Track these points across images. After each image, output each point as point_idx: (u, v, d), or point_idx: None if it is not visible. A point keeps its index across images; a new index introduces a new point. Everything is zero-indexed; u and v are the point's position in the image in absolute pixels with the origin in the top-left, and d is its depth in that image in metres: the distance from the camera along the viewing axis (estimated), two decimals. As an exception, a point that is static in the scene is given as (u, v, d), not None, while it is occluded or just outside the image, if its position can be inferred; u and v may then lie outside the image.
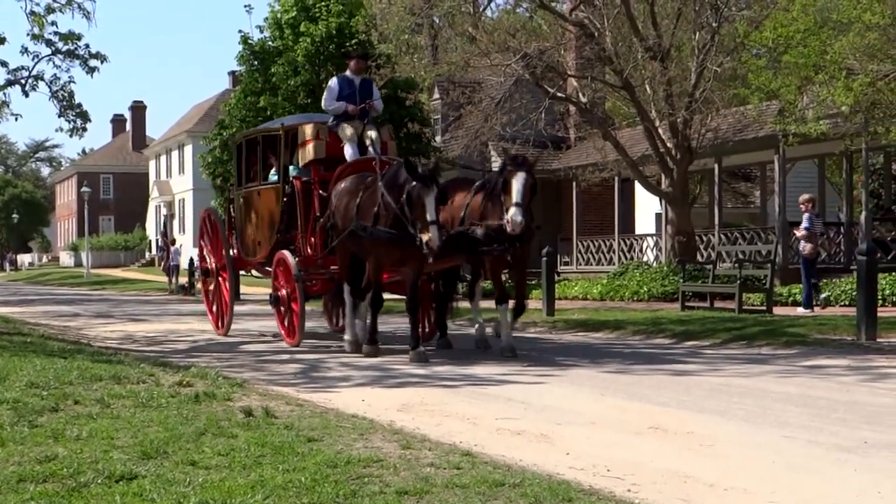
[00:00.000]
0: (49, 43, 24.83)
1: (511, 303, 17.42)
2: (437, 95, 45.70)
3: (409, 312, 16.38)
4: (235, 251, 22.10)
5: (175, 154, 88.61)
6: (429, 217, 15.41)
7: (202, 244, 23.47)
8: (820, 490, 7.13)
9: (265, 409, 9.66)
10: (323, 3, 38.13)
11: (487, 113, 36.10)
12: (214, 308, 22.86)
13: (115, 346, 18.67)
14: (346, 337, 18.16)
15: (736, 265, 25.82)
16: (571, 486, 6.82)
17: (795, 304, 26.33)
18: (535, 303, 27.69)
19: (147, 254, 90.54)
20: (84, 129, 25.85)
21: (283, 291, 19.11)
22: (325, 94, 19.61)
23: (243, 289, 41.64)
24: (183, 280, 48.41)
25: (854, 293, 20.66)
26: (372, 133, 19.01)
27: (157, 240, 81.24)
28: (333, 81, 19.71)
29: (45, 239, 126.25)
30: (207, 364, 14.61)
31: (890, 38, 21.04)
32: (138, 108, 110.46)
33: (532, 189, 16.07)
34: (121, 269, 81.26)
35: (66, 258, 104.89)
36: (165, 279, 55.82)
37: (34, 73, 25.37)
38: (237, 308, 34.14)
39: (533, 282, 30.88)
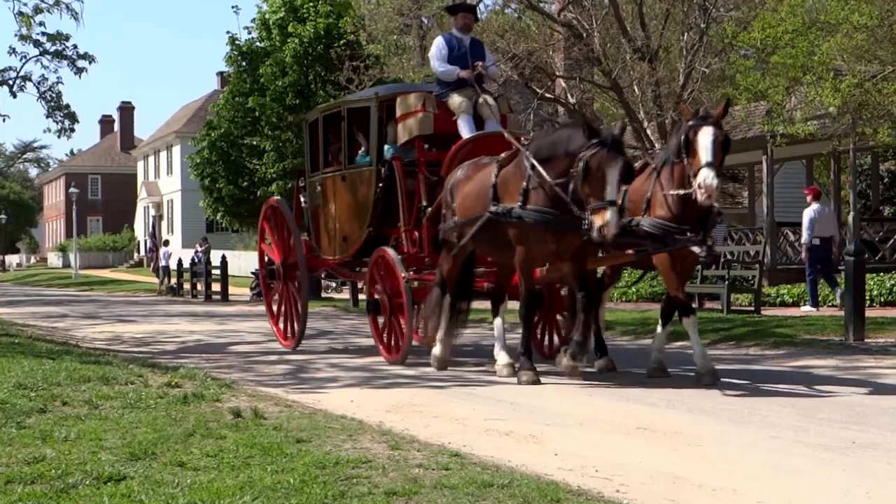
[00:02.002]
0: (37, 43, 24.79)
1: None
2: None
3: (523, 319, 13.48)
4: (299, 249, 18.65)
5: (163, 155, 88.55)
6: (608, 194, 12.03)
7: (263, 242, 20.17)
8: (807, 490, 7.15)
9: (254, 410, 9.66)
10: (311, 4, 38.12)
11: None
12: (281, 317, 19.14)
13: (104, 347, 18.65)
14: (435, 352, 14.98)
15: (724, 266, 25.85)
16: (560, 487, 6.83)
17: (784, 304, 26.39)
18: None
19: (135, 254, 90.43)
20: (72, 130, 25.81)
21: (384, 297, 15.89)
22: (432, 53, 16.46)
23: (231, 289, 41.67)
24: (171, 281, 48.33)
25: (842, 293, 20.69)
26: (489, 101, 15.91)
27: (145, 241, 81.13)
28: (440, 40, 16.49)
29: (33, 240, 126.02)
30: (196, 365, 14.62)
31: (878, 39, 21.07)
32: (126, 109, 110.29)
33: (723, 147, 12.94)
34: (109, 270, 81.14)
35: (54, 259, 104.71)
36: (154, 280, 55.82)
37: (22, 73, 25.34)
38: (226, 309, 34.27)
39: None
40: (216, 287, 41.03)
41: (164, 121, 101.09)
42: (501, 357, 14.23)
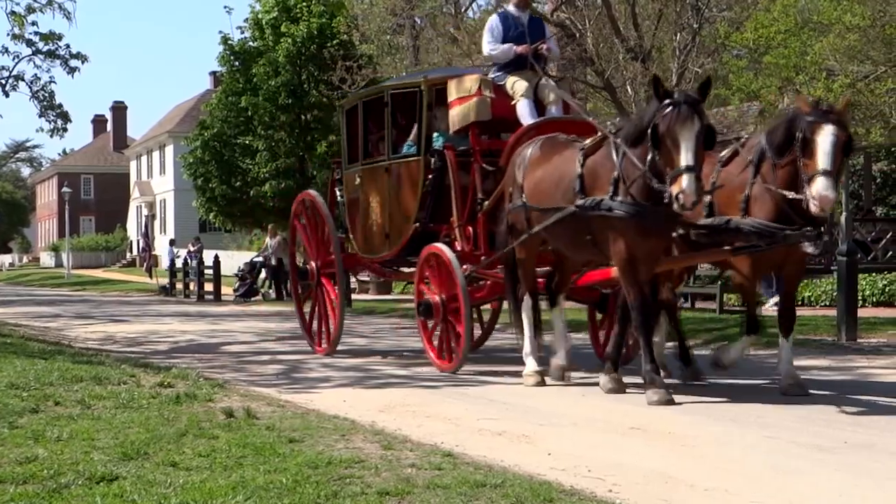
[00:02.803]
0: (29, 43, 24.82)
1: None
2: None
3: (640, 328, 11.73)
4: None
5: (156, 154, 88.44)
6: (684, 160, 10.64)
7: (295, 239, 18.97)
8: (801, 490, 7.15)
9: (246, 410, 9.65)
10: (304, 4, 38.12)
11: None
12: (314, 320, 17.79)
13: (96, 347, 18.62)
14: (526, 350, 13.40)
15: (717, 265, 25.81)
16: (553, 487, 6.83)
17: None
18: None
19: (128, 254, 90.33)
20: (64, 130, 25.88)
21: (437, 298, 14.50)
22: (484, 36, 15.20)
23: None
24: (164, 281, 48.29)
25: (834, 294, 20.69)
26: (552, 84, 14.82)
27: (138, 241, 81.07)
28: (494, 19, 15.24)
29: (26, 239, 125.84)
30: (188, 365, 14.60)
31: (870, 39, 21.13)
32: (119, 109, 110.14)
33: (844, 150, 11.17)
34: (101, 270, 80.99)
35: (46, 259, 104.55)
36: (147, 279, 55.80)
37: (14, 73, 25.33)
38: (218, 309, 34.24)
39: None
40: (209, 287, 40.99)
41: (156, 120, 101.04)
42: (530, 362, 13.19)
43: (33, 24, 24.69)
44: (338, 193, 17.45)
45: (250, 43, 39.80)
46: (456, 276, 13.89)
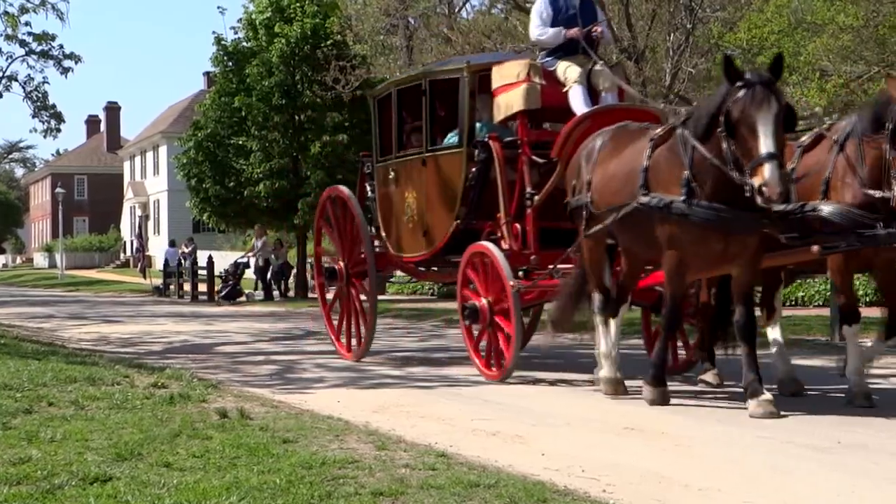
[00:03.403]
0: (23, 43, 24.89)
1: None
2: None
3: (666, 329, 11.27)
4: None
5: (150, 155, 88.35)
6: (763, 147, 9.59)
7: (319, 246, 18.28)
8: (795, 490, 7.16)
9: (240, 411, 9.65)
10: (297, 4, 38.07)
11: (463, 114, 36.05)
12: (342, 323, 16.76)
13: (90, 348, 18.60)
14: (603, 373, 12.11)
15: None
16: (546, 487, 6.84)
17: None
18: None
19: (122, 255, 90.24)
20: (58, 130, 25.99)
21: (484, 301, 13.43)
22: (532, 19, 14.28)
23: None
24: (157, 281, 48.26)
25: (828, 293, 20.70)
26: (605, 71, 13.86)
27: (132, 241, 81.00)
28: (542, 1, 14.08)
29: (19, 240, 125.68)
30: (182, 365, 14.59)
31: (863, 39, 21.16)
32: (112, 109, 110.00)
33: None
34: (95, 271, 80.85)
35: (40, 259, 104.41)
36: (141, 280, 55.77)
37: (8, 73, 25.35)
38: (212, 309, 34.21)
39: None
40: (202, 287, 40.96)
41: (150, 121, 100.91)
42: (607, 368, 12.06)
43: (26, 24, 24.76)
44: (368, 189, 16.55)
45: (244, 43, 39.72)
46: (504, 277, 12.87)
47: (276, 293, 40.14)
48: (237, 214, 39.52)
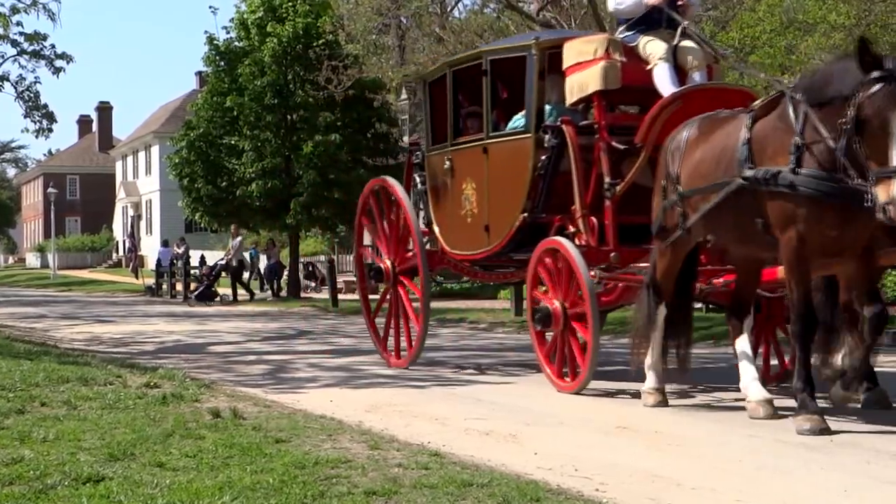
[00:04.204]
0: (14, 43, 24.81)
1: None
2: (404, 96, 45.71)
3: (798, 339, 9.63)
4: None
5: (142, 155, 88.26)
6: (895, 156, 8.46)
7: (362, 245, 16.76)
8: (787, 489, 7.17)
9: (233, 411, 9.64)
10: (289, 4, 38.08)
11: (455, 113, 36.10)
12: (390, 329, 15.45)
13: (82, 348, 18.58)
14: (753, 395, 10.19)
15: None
16: (540, 486, 6.84)
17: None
18: (503, 302, 27.76)
19: (114, 255, 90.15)
20: (50, 130, 25.92)
21: (557, 304, 12.15)
22: None
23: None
24: (149, 281, 48.24)
25: None
26: (693, 46, 12.49)
27: (124, 241, 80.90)
28: None
29: (11, 240, 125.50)
30: (175, 365, 14.56)
31: (855, 38, 21.18)
32: (104, 109, 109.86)
33: None
34: (87, 271, 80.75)
35: (32, 259, 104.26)
36: (134, 280, 55.71)
37: (-1, 73, 25.31)
38: (205, 309, 34.20)
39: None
40: (195, 287, 40.95)
41: (142, 121, 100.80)
42: (754, 390, 10.24)
43: (18, 24, 24.70)
44: (417, 180, 15.29)
45: (236, 43, 39.72)
46: (581, 277, 11.60)
47: (267, 292, 40.14)
48: (229, 214, 39.51)
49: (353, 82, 33.59)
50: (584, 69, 12.40)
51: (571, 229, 12.43)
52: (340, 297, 34.36)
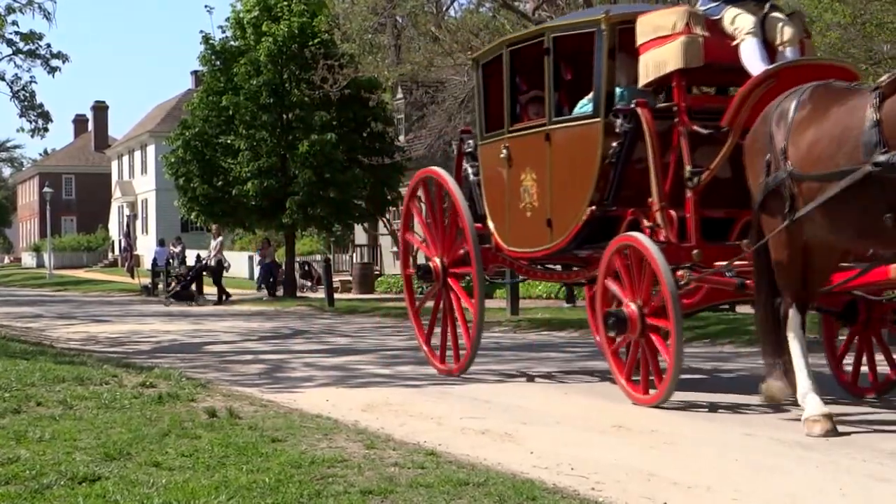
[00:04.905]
0: (10, 42, 24.75)
1: None
2: (400, 95, 45.68)
3: None
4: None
5: (137, 154, 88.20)
6: None
7: (409, 231, 15.13)
8: (782, 487, 7.18)
9: (229, 410, 9.64)
10: (285, 3, 38.07)
11: (451, 112, 36.09)
12: (432, 329, 14.43)
13: (78, 348, 18.57)
14: (802, 390, 9.46)
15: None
16: (535, 485, 6.84)
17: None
18: (498, 301, 27.76)
19: (110, 254, 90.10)
20: (45, 130, 25.84)
21: (633, 307, 10.93)
22: None
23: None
24: (146, 281, 48.20)
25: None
26: (783, 19, 11.35)
27: (120, 241, 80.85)
28: None
29: (7, 240, 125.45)
30: (171, 365, 14.57)
31: (850, 37, 21.19)
32: (100, 109, 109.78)
33: None
34: (83, 270, 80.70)
35: (28, 259, 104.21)
36: (129, 279, 55.64)
37: (-6, 72, 25.29)
38: (200, 308, 34.17)
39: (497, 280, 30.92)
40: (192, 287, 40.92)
41: (138, 120, 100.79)
42: (812, 403, 9.33)
43: (13, 23, 24.66)
44: (469, 170, 14.13)
45: (231, 42, 39.73)
46: (663, 278, 10.40)
47: (263, 291, 40.11)
48: (225, 213, 39.49)
49: (349, 82, 33.56)
50: (662, 45, 11.15)
51: (646, 223, 11.25)
52: (338, 296, 34.35)
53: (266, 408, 10.34)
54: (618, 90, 11.81)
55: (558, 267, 14.55)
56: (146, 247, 68.93)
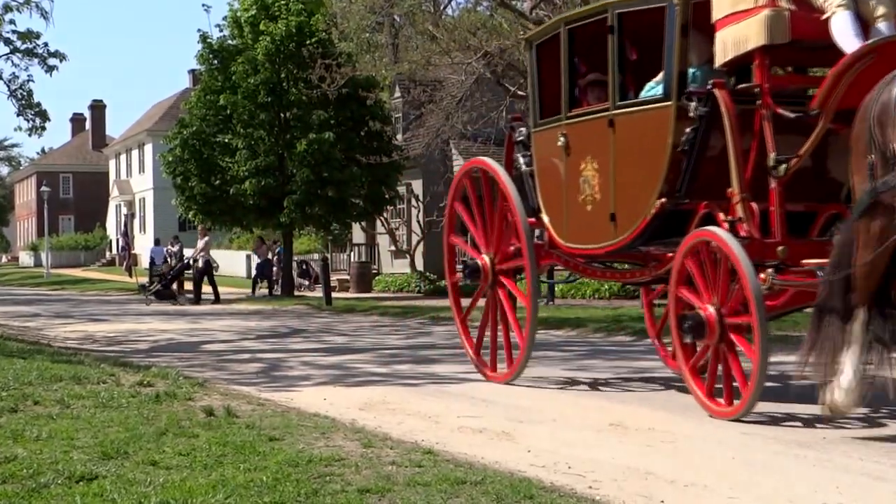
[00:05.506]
0: (7, 41, 24.75)
1: None
2: (397, 94, 45.69)
3: None
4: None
5: (135, 153, 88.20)
6: None
7: (454, 234, 14.12)
8: (779, 486, 7.18)
9: (226, 409, 9.64)
10: (283, 2, 38.12)
11: (448, 111, 36.10)
12: (482, 334, 13.40)
13: (76, 347, 18.56)
14: (838, 395, 8.94)
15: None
16: (533, 484, 6.84)
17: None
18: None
19: (107, 253, 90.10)
20: (43, 128, 25.88)
21: (711, 309, 9.97)
22: None
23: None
24: (144, 280, 48.21)
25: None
26: None
27: (117, 240, 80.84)
28: None
29: (5, 239, 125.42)
30: (168, 364, 14.56)
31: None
32: (98, 107, 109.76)
33: None
34: (81, 269, 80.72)
35: (25, 258, 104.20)
36: (127, 278, 55.65)
37: (-8, 71, 25.28)
38: (198, 308, 34.15)
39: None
40: (189, 286, 40.92)
41: (135, 119, 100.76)
42: (846, 379, 8.96)
43: (11, 22, 24.67)
44: (521, 160, 13.06)
45: (229, 41, 39.79)
46: (746, 278, 9.47)
47: (261, 291, 40.09)
48: (223, 212, 39.53)
49: (347, 80, 33.56)
50: (742, 20, 10.14)
51: (722, 217, 10.24)
52: (334, 295, 34.35)
53: (263, 406, 10.34)
54: (690, 71, 10.85)
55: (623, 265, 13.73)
56: (144, 246, 68.89)
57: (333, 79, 32.48)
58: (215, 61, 39.52)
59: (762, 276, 9.67)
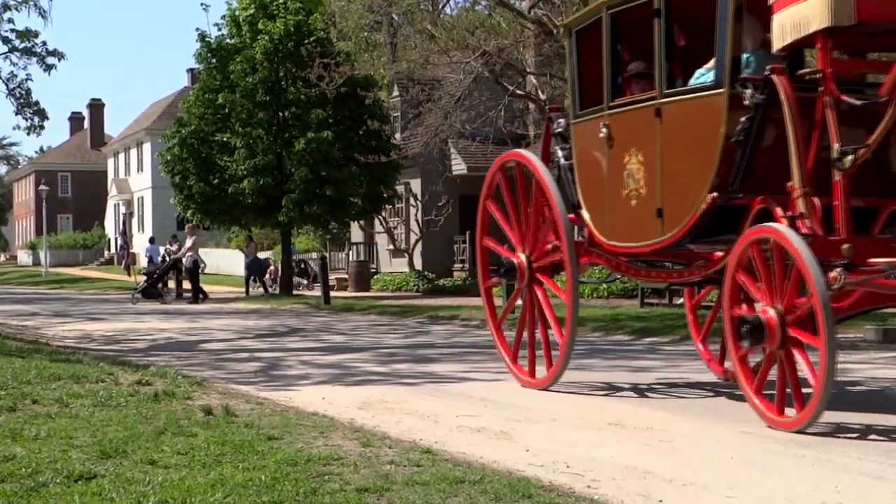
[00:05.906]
0: (5, 40, 24.76)
1: None
2: (396, 93, 45.70)
3: None
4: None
5: (133, 152, 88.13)
6: None
7: (487, 236, 13.34)
8: (777, 485, 7.18)
9: (225, 408, 9.64)
10: (281, 1, 38.09)
11: (447, 110, 36.14)
12: (519, 337, 12.72)
13: (74, 346, 18.56)
14: None
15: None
16: (531, 483, 6.84)
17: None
18: (495, 300, 27.75)
19: (106, 252, 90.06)
20: (41, 127, 25.92)
21: (772, 312, 9.27)
22: None
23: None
24: (141, 279, 48.19)
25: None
26: None
27: (116, 238, 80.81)
28: None
29: (3, 238, 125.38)
30: (167, 363, 14.56)
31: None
32: (96, 106, 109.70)
33: None
34: (79, 268, 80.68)
35: (24, 257, 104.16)
36: (125, 277, 55.64)
37: (-10, 70, 25.28)
38: (197, 307, 34.13)
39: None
40: (187, 285, 40.90)
41: (134, 118, 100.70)
42: None
43: (9, 21, 24.69)
44: (559, 153, 12.37)
45: (227, 40, 39.76)
46: (812, 278, 8.78)
47: (258, 290, 40.06)
48: (221, 211, 39.50)
49: (345, 79, 33.59)
50: (802, 1, 9.39)
51: (780, 213, 9.54)
52: (332, 294, 34.35)
53: (262, 406, 10.34)
54: (744, 56, 10.16)
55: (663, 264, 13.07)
56: (142, 245, 68.87)
57: (332, 78, 32.51)
58: (214, 60, 39.50)
59: (832, 274, 9.00)
